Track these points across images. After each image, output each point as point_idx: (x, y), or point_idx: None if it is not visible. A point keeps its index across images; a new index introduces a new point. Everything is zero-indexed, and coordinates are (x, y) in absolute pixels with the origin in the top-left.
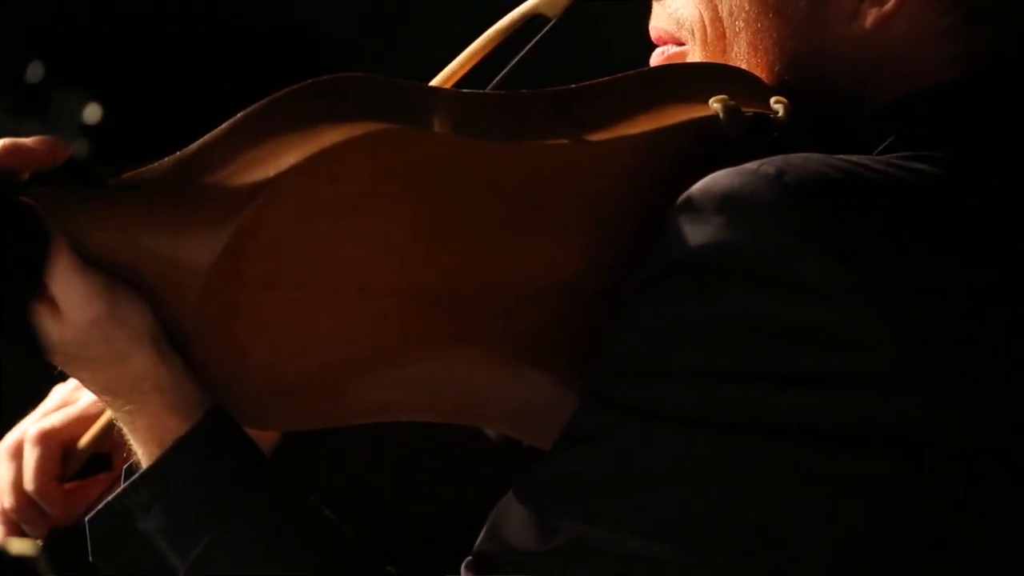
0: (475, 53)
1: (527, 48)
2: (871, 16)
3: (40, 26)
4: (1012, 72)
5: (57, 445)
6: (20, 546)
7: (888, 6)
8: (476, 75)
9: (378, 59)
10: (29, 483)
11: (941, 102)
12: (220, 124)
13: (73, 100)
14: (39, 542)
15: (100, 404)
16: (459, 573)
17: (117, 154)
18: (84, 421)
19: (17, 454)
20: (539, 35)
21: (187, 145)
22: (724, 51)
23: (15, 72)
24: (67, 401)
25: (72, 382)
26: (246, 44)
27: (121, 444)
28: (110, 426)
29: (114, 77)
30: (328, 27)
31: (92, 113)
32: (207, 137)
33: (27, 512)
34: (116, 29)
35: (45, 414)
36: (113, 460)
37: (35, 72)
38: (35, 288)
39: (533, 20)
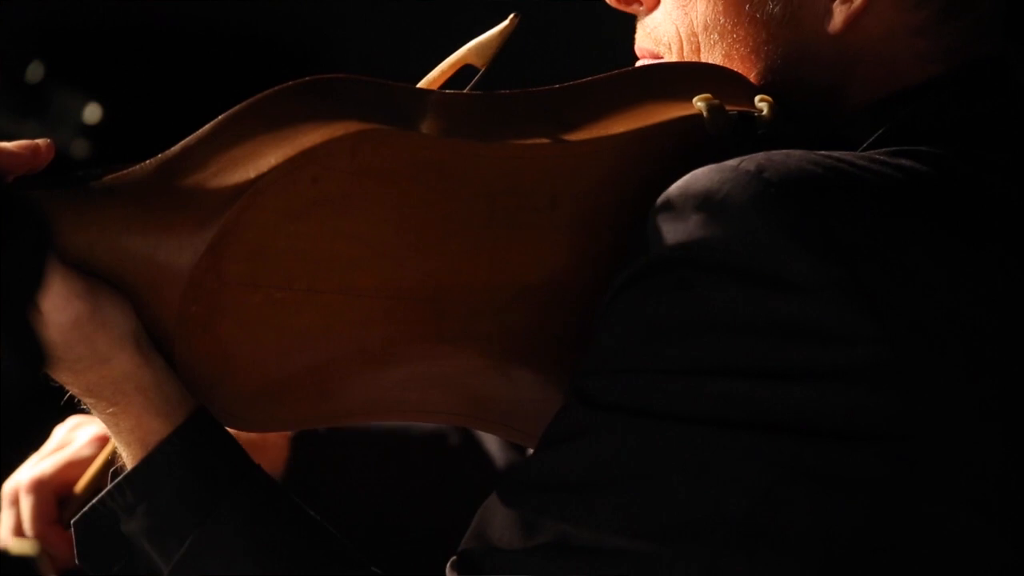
0: None
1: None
2: (841, 15)
3: (40, 26)
4: (994, 66)
5: (50, 491)
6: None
7: (856, 4)
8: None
9: (376, 61)
10: (28, 530)
11: (925, 98)
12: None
13: (73, 100)
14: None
15: (93, 446)
16: (444, 573)
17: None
18: (76, 466)
19: (15, 501)
20: (470, 83)
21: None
22: None
23: (15, 72)
24: (63, 444)
25: (69, 422)
26: (245, 44)
27: None
28: (106, 468)
29: (114, 77)
30: (328, 29)
31: (92, 113)
32: (189, 139)
33: None
34: (116, 29)
35: (41, 459)
36: None
37: (35, 72)
38: (38, 285)
39: (464, 70)
